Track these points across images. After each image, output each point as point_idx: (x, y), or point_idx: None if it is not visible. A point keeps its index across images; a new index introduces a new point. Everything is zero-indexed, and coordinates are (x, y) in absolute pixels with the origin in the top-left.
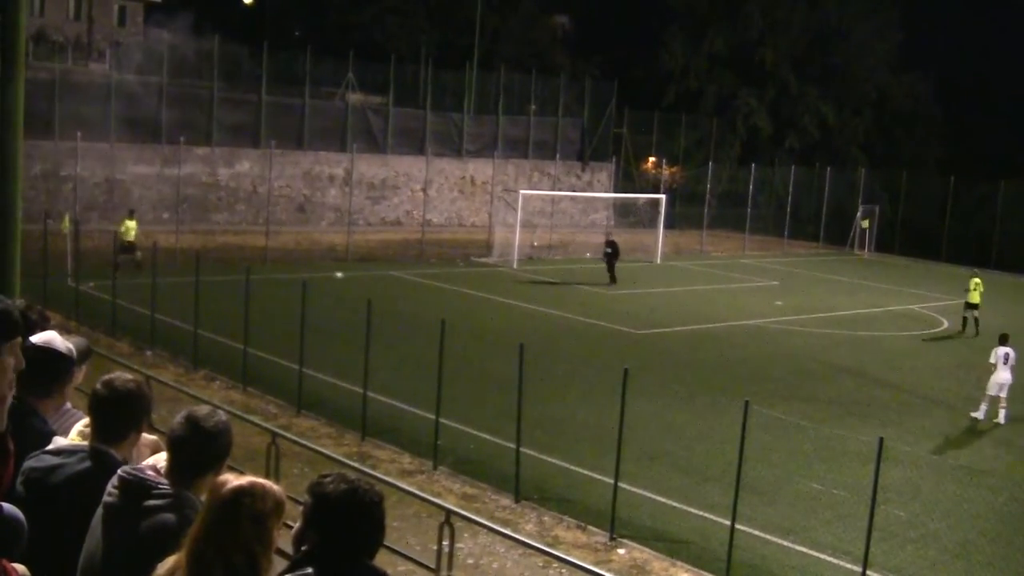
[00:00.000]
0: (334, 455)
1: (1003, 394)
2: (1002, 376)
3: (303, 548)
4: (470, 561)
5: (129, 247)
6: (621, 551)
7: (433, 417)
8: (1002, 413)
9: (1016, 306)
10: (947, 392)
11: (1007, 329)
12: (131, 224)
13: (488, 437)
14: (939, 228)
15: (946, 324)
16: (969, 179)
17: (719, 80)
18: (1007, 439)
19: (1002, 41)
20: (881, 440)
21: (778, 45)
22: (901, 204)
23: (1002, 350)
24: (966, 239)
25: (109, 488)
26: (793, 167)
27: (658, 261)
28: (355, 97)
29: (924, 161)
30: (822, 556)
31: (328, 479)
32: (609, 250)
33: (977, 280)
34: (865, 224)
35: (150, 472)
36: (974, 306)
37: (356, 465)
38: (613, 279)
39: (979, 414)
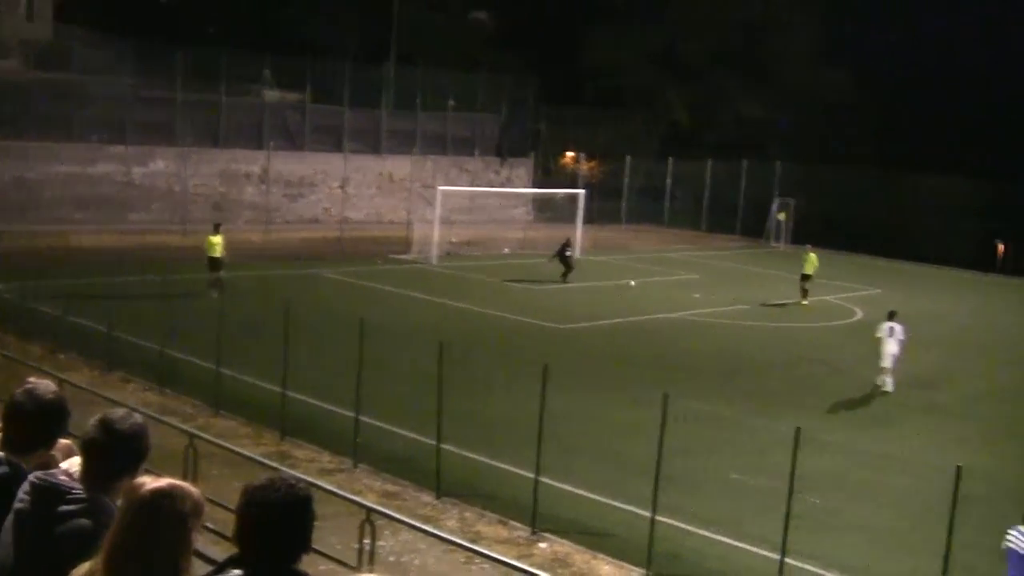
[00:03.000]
0: (253, 455)
1: (888, 364)
2: (890, 347)
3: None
4: (391, 559)
5: (215, 264)
6: (543, 545)
7: (353, 415)
8: (888, 381)
9: (932, 293)
10: (864, 379)
11: (920, 317)
12: (216, 240)
13: (409, 434)
14: (856, 220)
15: (860, 314)
16: (888, 172)
17: (639, 75)
18: (927, 426)
19: (921, 35)
20: (798, 429)
21: (699, 40)
22: (818, 197)
23: (887, 324)
24: (883, 231)
25: (20, 494)
26: (711, 161)
27: (578, 256)
28: (272, 94)
29: (843, 154)
30: (743, 545)
31: (262, 480)
32: (568, 252)
33: (810, 256)
34: (782, 217)
35: (63, 477)
36: (807, 277)
37: (275, 465)
38: (566, 275)
39: (887, 387)
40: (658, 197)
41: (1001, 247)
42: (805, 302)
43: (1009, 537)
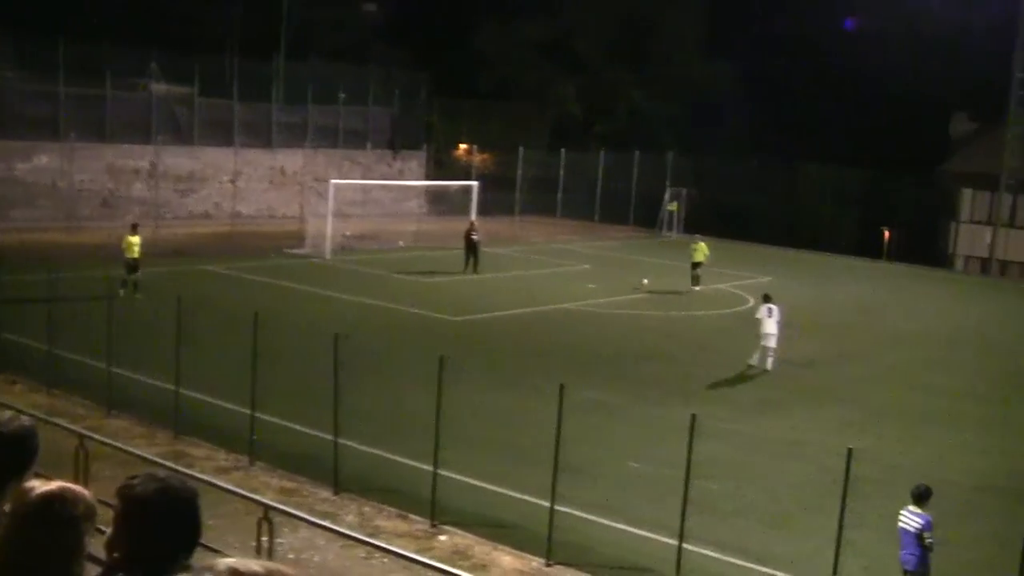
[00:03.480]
0: (146, 455)
1: (770, 344)
2: (769, 328)
3: (115, 555)
4: (291, 556)
5: (134, 265)
6: (443, 537)
7: (249, 412)
8: (769, 361)
9: (822, 280)
10: (759, 366)
11: (810, 303)
12: (134, 240)
13: (306, 430)
14: (747, 209)
15: (752, 302)
16: (777, 162)
17: (531, 67)
18: (818, 410)
19: (805, 27)
20: (693, 416)
21: (590, 31)
22: (709, 187)
23: (765, 307)
24: (774, 220)
25: None
26: (603, 152)
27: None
28: (159, 88)
29: (732, 145)
30: (641, 532)
31: (137, 479)
32: (475, 236)
33: (699, 245)
34: (673, 207)
35: None
36: (697, 264)
37: (170, 464)
38: (475, 267)
39: (767, 365)
40: (551, 188)
41: (887, 234)
42: (697, 288)
43: (902, 517)
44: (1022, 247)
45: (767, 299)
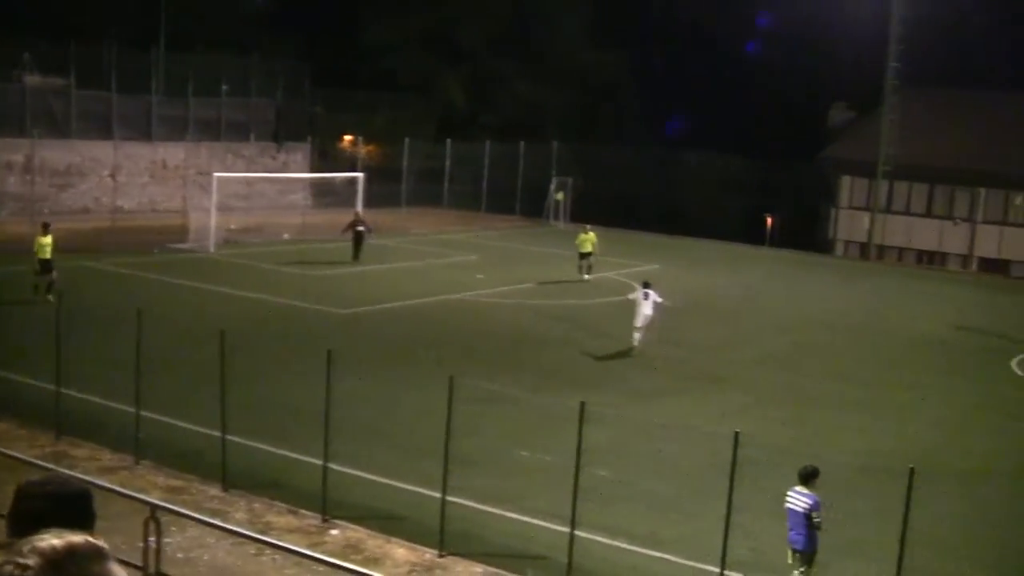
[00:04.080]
0: (26, 458)
1: (640, 324)
2: (645, 311)
3: None
4: (180, 555)
5: (46, 266)
6: (334, 532)
7: (133, 411)
8: (635, 337)
9: (708, 267)
10: (648, 352)
11: (697, 290)
12: (46, 241)
13: (193, 427)
14: (633, 198)
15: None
16: (661, 151)
17: (417, 57)
18: (705, 394)
19: (690, 17)
20: (583, 404)
21: (476, 22)
22: (595, 176)
23: (642, 291)
24: (660, 208)
25: None
26: (489, 142)
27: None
28: (34, 79)
29: (617, 134)
30: (534, 521)
31: (33, 480)
32: (361, 228)
33: (587, 235)
34: (559, 196)
35: None
36: (586, 255)
37: (51, 466)
38: (356, 255)
39: (634, 341)
40: (437, 179)
41: (770, 220)
42: (587, 277)
43: (789, 497)
44: (898, 232)
45: (646, 285)
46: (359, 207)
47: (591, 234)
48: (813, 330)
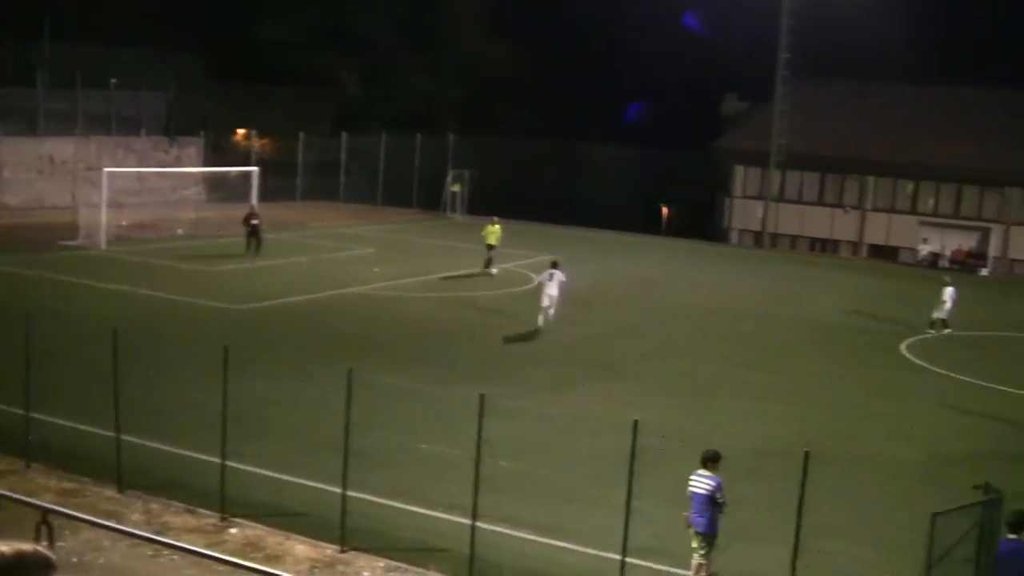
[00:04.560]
0: None
1: (546, 304)
2: (550, 291)
3: None
4: (74, 559)
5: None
6: (233, 531)
7: (24, 412)
8: (541, 318)
9: (606, 257)
10: (547, 342)
11: (595, 280)
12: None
13: (87, 428)
14: (530, 189)
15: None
16: (557, 142)
17: (310, 50)
18: (604, 385)
19: (586, 10)
20: (482, 396)
21: (371, 15)
22: (492, 168)
23: (547, 272)
24: (557, 199)
25: None
26: (385, 135)
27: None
28: None
29: (513, 126)
30: (435, 513)
31: None
32: (256, 221)
33: (494, 227)
34: (456, 188)
35: None
36: (491, 247)
37: None
38: (257, 250)
39: (540, 322)
40: (333, 173)
41: (665, 210)
42: (494, 271)
43: (692, 481)
44: (791, 220)
45: (554, 265)
46: (254, 201)
47: (496, 227)
48: (710, 318)
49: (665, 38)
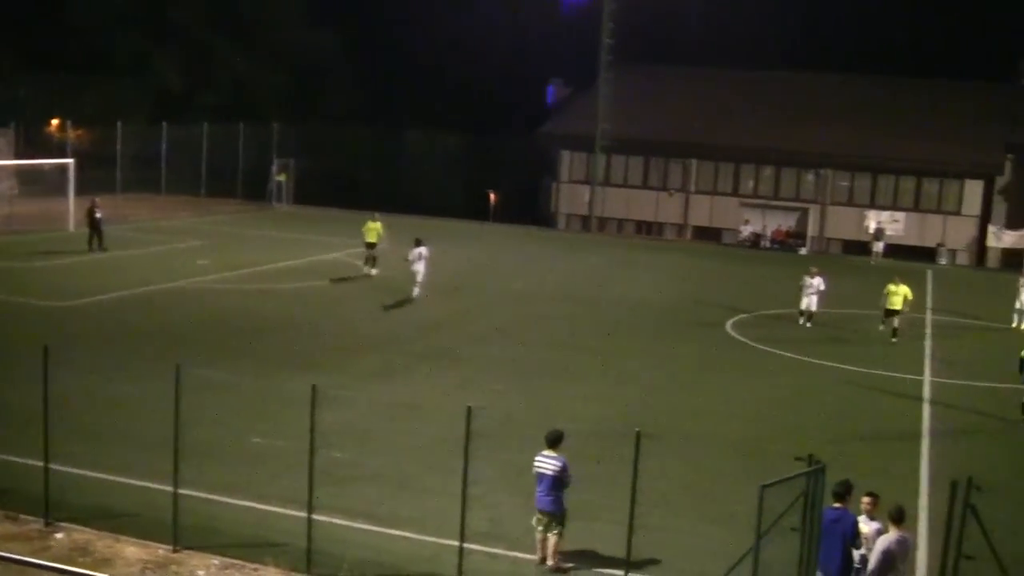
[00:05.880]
0: None
1: (419, 278)
2: (418, 266)
3: None
4: None
5: None
6: (59, 536)
7: None
8: (415, 290)
9: (436, 244)
10: (380, 330)
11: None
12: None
13: None
14: (355, 177)
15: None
16: (381, 130)
17: (127, 37)
18: (437, 372)
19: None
20: (314, 387)
21: (188, 1)
22: (317, 157)
23: (416, 250)
24: (383, 187)
25: None
26: (207, 125)
27: (72, 229)
28: None
29: (336, 114)
30: (271, 508)
31: None
32: (99, 214)
33: (373, 224)
34: (281, 178)
35: None
36: (371, 245)
37: None
38: (100, 244)
39: (414, 293)
40: (154, 164)
41: (492, 196)
42: (374, 271)
43: (538, 461)
44: (617, 204)
45: (418, 243)
46: (71, 194)
47: (377, 223)
48: (539, 302)
49: (491, 25)
